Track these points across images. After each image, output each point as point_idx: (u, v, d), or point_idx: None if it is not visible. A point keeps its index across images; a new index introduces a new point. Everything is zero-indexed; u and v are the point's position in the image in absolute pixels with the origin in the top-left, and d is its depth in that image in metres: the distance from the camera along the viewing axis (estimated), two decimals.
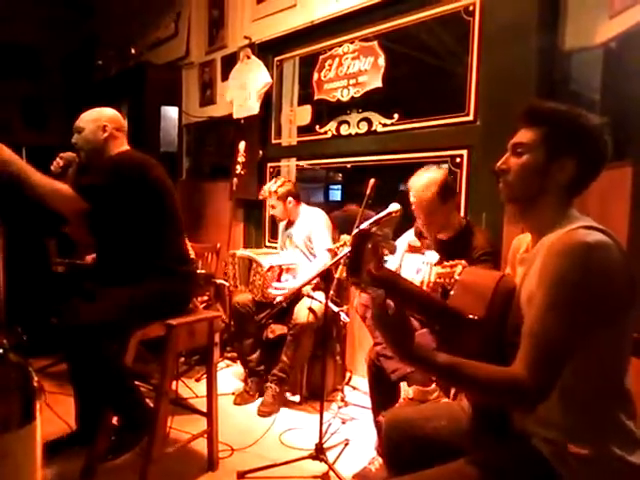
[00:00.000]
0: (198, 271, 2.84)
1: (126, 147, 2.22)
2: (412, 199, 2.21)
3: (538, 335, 1.03)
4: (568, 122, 1.14)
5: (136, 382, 2.08)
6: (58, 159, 2.33)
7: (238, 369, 3.40)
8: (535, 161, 1.15)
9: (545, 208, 1.16)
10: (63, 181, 2.08)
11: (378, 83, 3.11)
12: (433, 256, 2.21)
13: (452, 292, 1.28)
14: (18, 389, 0.61)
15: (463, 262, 1.90)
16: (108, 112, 2.23)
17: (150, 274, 2.06)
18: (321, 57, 3.46)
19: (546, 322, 1.02)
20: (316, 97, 3.52)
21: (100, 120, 2.18)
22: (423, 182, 2.18)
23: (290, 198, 3.11)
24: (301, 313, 2.76)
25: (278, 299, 2.83)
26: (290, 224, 3.21)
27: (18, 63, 5.36)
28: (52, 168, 2.29)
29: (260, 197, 3.33)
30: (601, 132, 1.13)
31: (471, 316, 1.13)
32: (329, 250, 2.86)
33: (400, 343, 1.05)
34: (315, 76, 3.50)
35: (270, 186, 3.14)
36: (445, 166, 2.68)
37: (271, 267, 2.92)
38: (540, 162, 1.14)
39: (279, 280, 2.95)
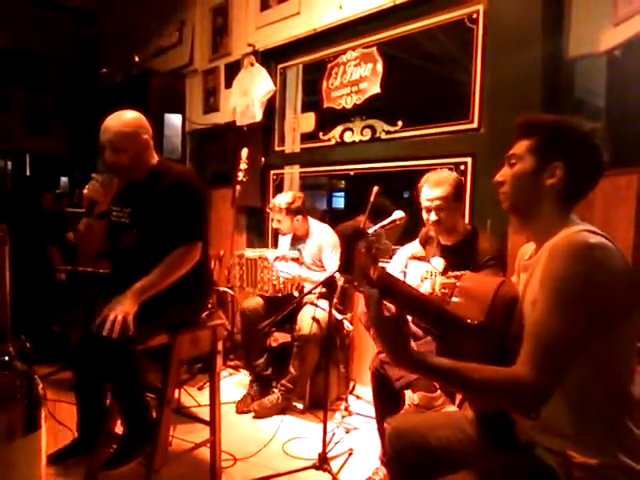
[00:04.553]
0: None
1: (155, 155, 2.11)
2: (425, 194, 2.19)
3: (540, 333, 1.03)
4: (556, 129, 1.17)
5: None
6: (98, 186, 1.96)
7: (241, 377, 3.39)
8: (525, 169, 1.18)
9: (544, 216, 1.17)
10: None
11: (377, 89, 3.12)
12: (439, 262, 2.20)
13: (453, 298, 1.26)
14: (23, 397, 0.61)
15: (468, 273, 1.89)
16: (141, 120, 2.03)
17: (192, 286, 2.05)
18: (329, 65, 3.46)
19: (548, 320, 1.02)
20: (325, 105, 3.50)
21: (142, 133, 1.99)
22: (438, 178, 2.20)
23: (299, 216, 3.06)
24: (304, 324, 2.75)
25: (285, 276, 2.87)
26: (298, 239, 3.17)
27: (22, 70, 5.39)
28: (93, 196, 1.95)
29: (267, 209, 3.28)
30: (589, 137, 1.14)
31: (470, 321, 1.12)
32: None
33: (395, 345, 1.05)
34: (324, 85, 3.49)
35: (280, 201, 3.07)
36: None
37: (276, 258, 2.95)
38: (530, 169, 1.17)
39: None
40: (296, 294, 2.76)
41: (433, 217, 2.17)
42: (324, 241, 3.03)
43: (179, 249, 1.94)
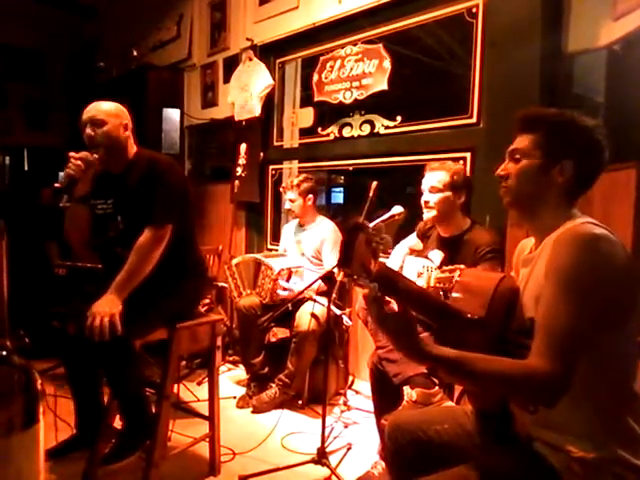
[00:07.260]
0: None
1: (135, 146, 2.15)
2: (425, 179, 2.24)
3: (551, 324, 1.02)
4: (562, 125, 1.16)
5: None
6: (78, 162, 1.97)
7: (240, 373, 3.40)
8: (533, 165, 1.17)
9: (547, 210, 1.17)
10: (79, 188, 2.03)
11: (384, 86, 3.08)
12: (437, 255, 2.21)
13: (453, 293, 1.27)
14: (21, 392, 0.61)
15: (462, 267, 1.90)
16: (122, 108, 2.12)
17: (179, 277, 2.06)
18: (322, 58, 3.45)
19: (558, 311, 1.02)
20: (316, 99, 3.50)
21: (122, 117, 2.08)
22: (439, 164, 2.27)
23: (310, 195, 3.09)
24: (303, 320, 2.75)
25: (283, 294, 2.86)
26: (302, 227, 3.18)
27: (21, 65, 5.38)
28: (73, 173, 1.95)
29: (280, 189, 3.29)
30: (595, 132, 1.14)
31: (470, 315, 1.12)
32: None
33: (404, 340, 1.04)
34: (315, 77, 3.48)
35: (293, 179, 3.12)
36: None
37: (281, 270, 2.93)
38: (538, 166, 1.16)
39: (288, 282, 2.96)
40: (290, 307, 2.76)
41: (427, 197, 2.21)
42: (327, 235, 3.04)
43: (144, 234, 1.94)
